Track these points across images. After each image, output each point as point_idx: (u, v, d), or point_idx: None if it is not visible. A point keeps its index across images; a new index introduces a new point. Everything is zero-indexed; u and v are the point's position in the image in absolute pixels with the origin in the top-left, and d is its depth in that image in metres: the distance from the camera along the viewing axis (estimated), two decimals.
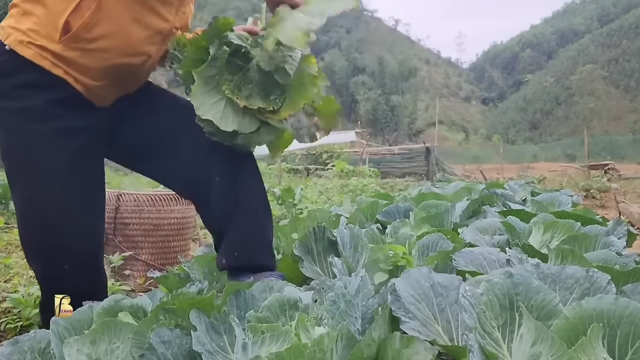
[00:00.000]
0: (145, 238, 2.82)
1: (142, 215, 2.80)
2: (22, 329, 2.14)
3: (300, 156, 21.40)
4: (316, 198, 7.22)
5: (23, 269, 2.87)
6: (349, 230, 1.66)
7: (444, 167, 20.64)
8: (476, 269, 1.28)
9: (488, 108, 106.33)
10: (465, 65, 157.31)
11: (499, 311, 0.86)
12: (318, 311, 0.98)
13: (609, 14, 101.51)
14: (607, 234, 1.74)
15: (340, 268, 1.40)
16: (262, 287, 1.13)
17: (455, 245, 1.51)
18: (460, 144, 56.06)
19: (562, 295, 0.95)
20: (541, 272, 0.98)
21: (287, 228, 1.87)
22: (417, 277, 0.97)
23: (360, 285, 0.96)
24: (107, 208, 2.49)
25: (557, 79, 79.08)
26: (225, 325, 0.95)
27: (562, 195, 2.83)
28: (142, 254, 2.72)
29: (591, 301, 0.83)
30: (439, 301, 0.95)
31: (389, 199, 2.74)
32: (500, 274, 0.90)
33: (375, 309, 0.93)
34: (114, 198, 2.74)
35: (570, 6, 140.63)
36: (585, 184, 8.76)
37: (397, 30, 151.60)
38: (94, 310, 1.08)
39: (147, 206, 2.80)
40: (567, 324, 0.82)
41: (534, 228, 1.80)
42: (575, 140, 40.28)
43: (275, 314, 0.99)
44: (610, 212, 6.71)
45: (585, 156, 18.17)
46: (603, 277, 0.96)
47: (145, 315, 1.06)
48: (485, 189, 3.02)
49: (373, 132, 48.31)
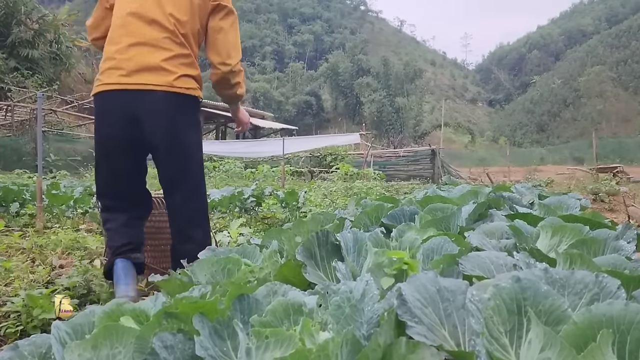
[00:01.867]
0: (147, 241, 2.83)
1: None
2: (23, 333, 2.15)
3: (304, 159, 21.41)
4: (320, 201, 7.23)
5: (24, 272, 2.88)
6: (352, 234, 1.65)
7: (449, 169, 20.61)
8: (483, 274, 1.27)
9: (494, 110, 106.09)
10: (472, 67, 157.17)
11: (507, 316, 0.85)
12: (323, 316, 0.98)
13: (617, 14, 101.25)
14: (616, 238, 1.73)
15: (344, 273, 1.40)
16: (266, 291, 1.13)
17: (461, 249, 1.51)
18: (466, 146, 55.88)
19: (571, 300, 0.95)
20: (549, 276, 0.98)
21: (291, 232, 1.87)
22: (423, 282, 0.97)
23: (365, 289, 0.96)
24: None
25: (565, 81, 78.85)
26: (229, 330, 0.95)
27: (570, 199, 2.81)
28: (145, 257, 2.72)
29: (601, 307, 0.82)
30: (446, 306, 0.94)
31: (394, 202, 2.73)
32: (507, 279, 0.90)
33: (381, 314, 0.92)
34: None
35: (578, 7, 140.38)
36: (594, 187, 8.74)
37: (402, 31, 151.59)
38: (96, 315, 1.08)
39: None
40: (576, 329, 0.81)
41: (541, 232, 1.79)
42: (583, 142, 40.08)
43: (279, 319, 0.99)
44: (619, 215, 6.69)
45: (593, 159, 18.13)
46: (613, 282, 0.95)
47: (148, 320, 1.06)
48: (492, 192, 3.00)
49: (378, 134, 48.23)
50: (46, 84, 23.36)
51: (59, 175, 13.99)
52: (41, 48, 24.85)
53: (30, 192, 6.04)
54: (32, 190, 6.00)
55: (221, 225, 5.39)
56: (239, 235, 4.09)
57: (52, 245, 3.74)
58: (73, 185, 7.44)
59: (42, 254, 3.59)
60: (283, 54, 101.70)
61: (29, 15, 25.08)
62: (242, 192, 5.97)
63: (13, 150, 16.75)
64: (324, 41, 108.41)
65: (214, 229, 5.12)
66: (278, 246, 1.76)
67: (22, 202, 5.74)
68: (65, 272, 3.06)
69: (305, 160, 21.39)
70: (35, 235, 4.24)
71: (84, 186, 7.21)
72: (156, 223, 2.93)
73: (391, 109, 51.76)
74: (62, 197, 5.60)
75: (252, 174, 16.89)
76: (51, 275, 3.00)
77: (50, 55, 25.43)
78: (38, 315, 2.17)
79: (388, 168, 20.19)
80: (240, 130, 3.13)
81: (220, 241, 3.55)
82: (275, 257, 1.64)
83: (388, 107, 51.68)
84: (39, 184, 5.08)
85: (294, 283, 1.40)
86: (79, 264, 3.04)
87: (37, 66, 24.40)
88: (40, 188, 5.05)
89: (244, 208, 5.92)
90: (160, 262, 2.94)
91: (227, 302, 1.03)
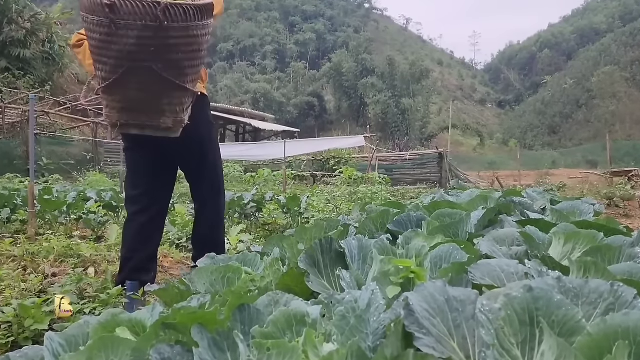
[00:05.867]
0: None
1: None
2: (14, 344, 2.15)
3: (306, 162, 21.43)
4: (323, 206, 7.23)
5: (15, 281, 2.88)
6: (357, 241, 1.65)
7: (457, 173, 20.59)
8: (493, 282, 1.27)
9: (504, 111, 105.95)
10: (480, 67, 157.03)
11: (519, 327, 0.85)
12: (327, 327, 0.98)
13: (632, 12, 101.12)
14: (632, 245, 1.73)
15: (348, 282, 1.40)
16: (267, 300, 1.13)
17: (470, 257, 1.50)
18: (475, 149, 55.82)
19: (585, 310, 0.95)
20: (563, 285, 0.97)
21: (293, 239, 1.87)
22: (431, 291, 0.96)
23: (371, 299, 0.96)
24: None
25: (577, 81, 78.69)
26: (229, 342, 0.95)
27: (583, 204, 2.81)
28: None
29: (616, 317, 0.82)
30: (455, 316, 0.94)
31: (400, 208, 2.73)
32: (519, 288, 0.90)
33: (388, 325, 0.92)
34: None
35: (591, 4, 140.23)
36: (608, 192, 8.73)
37: (408, 29, 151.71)
38: (90, 325, 1.08)
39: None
40: (591, 341, 0.81)
41: (554, 239, 1.79)
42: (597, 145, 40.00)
43: (281, 330, 0.99)
44: (635, 221, 6.67)
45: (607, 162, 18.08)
46: (629, 292, 0.95)
47: (145, 331, 1.06)
48: (502, 197, 3.00)
49: (383, 137, 48.17)
50: (38, 84, 23.46)
51: (52, 180, 14.03)
52: (33, 48, 24.95)
53: (21, 198, 6.06)
54: (24, 195, 6.02)
55: None
56: (239, 242, 4.10)
57: (44, 253, 3.75)
58: (66, 190, 7.47)
59: (34, 261, 3.59)
60: (284, 53, 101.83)
61: (20, 13, 25.18)
62: (242, 197, 5.97)
63: (4, 154, 16.80)
64: (326, 40, 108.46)
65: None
66: (280, 254, 1.76)
67: (14, 208, 5.75)
68: (58, 281, 3.06)
69: (308, 163, 21.41)
70: (26, 243, 4.24)
71: (77, 191, 7.23)
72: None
73: (397, 110, 51.70)
74: (54, 202, 5.61)
75: (252, 178, 16.91)
76: (43, 284, 3.00)
77: (43, 55, 25.53)
78: (30, 326, 2.17)
79: (394, 172, 20.20)
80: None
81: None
82: (277, 265, 1.64)
83: (393, 109, 51.62)
84: (30, 188, 5.09)
85: (297, 292, 1.40)
86: (72, 272, 3.05)
87: (29, 66, 24.49)
88: (32, 193, 5.06)
89: (244, 214, 5.93)
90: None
91: (227, 312, 1.03)
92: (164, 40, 2.25)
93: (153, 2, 2.16)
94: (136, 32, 2.19)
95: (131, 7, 2.15)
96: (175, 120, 2.45)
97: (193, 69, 2.42)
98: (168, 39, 2.25)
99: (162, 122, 2.45)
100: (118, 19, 2.15)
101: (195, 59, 2.41)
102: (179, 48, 2.32)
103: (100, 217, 5.28)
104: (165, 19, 2.18)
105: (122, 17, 2.15)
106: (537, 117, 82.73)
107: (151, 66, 2.28)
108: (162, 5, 2.16)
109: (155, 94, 2.40)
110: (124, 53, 2.24)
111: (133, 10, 2.15)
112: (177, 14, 2.21)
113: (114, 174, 16.99)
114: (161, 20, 2.17)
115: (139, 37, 2.20)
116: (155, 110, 2.43)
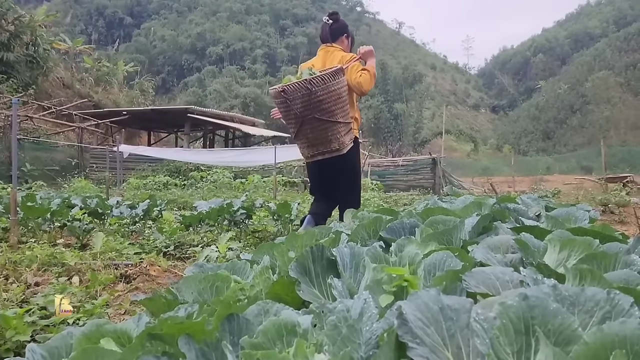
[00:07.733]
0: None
1: None
2: None
3: (297, 168, 21.43)
4: None
5: None
6: (349, 248, 1.65)
7: (451, 179, 20.67)
8: (488, 291, 1.27)
9: (498, 117, 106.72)
10: (474, 71, 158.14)
11: (514, 336, 0.85)
12: (318, 337, 0.97)
13: (626, 16, 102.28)
14: (627, 252, 1.74)
15: (340, 290, 1.39)
16: (257, 310, 1.12)
17: (464, 265, 1.50)
18: (469, 155, 56.03)
19: (582, 319, 0.95)
20: (559, 293, 0.97)
21: (284, 246, 1.86)
22: (425, 300, 0.96)
23: (363, 308, 0.96)
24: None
25: (572, 86, 79.39)
26: (217, 353, 0.95)
27: (578, 211, 2.82)
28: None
29: (613, 325, 0.82)
30: (449, 325, 0.94)
31: (393, 215, 2.73)
32: (514, 296, 0.90)
33: (380, 335, 0.92)
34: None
35: (585, 9, 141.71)
36: (603, 198, 8.79)
37: (400, 33, 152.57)
38: (74, 336, 1.07)
39: None
40: (588, 350, 0.81)
41: (549, 246, 1.79)
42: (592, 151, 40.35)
43: (271, 340, 0.99)
44: (630, 228, 6.72)
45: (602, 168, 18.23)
46: (625, 300, 0.95)
47: (130, 342, 1.05)
48: (497, 203, 3.01)
49: (375, 142, 48.34)
50: (22, 88, 23.30)
51: (35, 186, 13.92)
52: (17, 51, 24.80)
53: (3, 205, 6.01)
54: (6, 202, 5.96)
55: (209, 239, 5.37)
56: (227, 250, 4.07)
57: (27, 261, 3.71)
58: (50, 197, 7.39)
59: (16, 270, 3.55)
60: (275, 57, 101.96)
61: (4, 16, 25.04)
62: (232, 203, 5.95)
63: None
64: (317, 44, 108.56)
65: (200, 244, 5.10)
66: (270, 262, 1.75)
67: None
68: (41, 290, 3.03)
69: (299, 170, 21.41)
70: (8, 251, 4.20)
71: (61, 198, 7.17)
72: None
73: (389, 115, 51.82)
74: (38, 209, 5.56)
75: (242, 185, 16.88)
76: (26, 293, 2.97)
77: (27, 59, 25.38)
78: (11, 337, 2.15)
79: (386, 178, 20.26)
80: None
81: (207, 256, 3.54)
82: (267, 273, 1.63)
83: (386, 114, 51.73)
84: (13, 195, 5.05)
85: (287, 301, 1.39)
86: (56, 282, 3.02)
87: (13, 70, 24.32)
88: (15, 200, 5.02)
89: (234, 221, 5.91)
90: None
91: (215, 322, 1.02)
92: (316, 99, 3.79)
93: (304, 80, 3.75)
94: (299, 100, 3.79)
95: (293, 87, 3.78)
96: (339, 143, 3.98)
97: (340, 108, 3.93)
98: (318, 97, 3.78)
99: (332, 147, 3.99)
100: (288, 96, 3.79)
101: (339, 102, 3.90)
102: (326, 100, 3.82)
103: (85, 224, 5.24)
104: (312, 87, 3.74)
105: (290, 95, 3.79)
106: (531, 123, 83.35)
107: (314, 116, 3.85)
108: (308, 79, 3.75)
109: (322, 131, 3.93)
110: (297, 114, 3.86)
111: (294, 88, 3.77)
112: (318, 82, 3.77)
113: (99, 180, 16.89)
114: (310, 89, 3.74)
115: (302, 102, 3.80)
116: (326, 141, 3.96)
